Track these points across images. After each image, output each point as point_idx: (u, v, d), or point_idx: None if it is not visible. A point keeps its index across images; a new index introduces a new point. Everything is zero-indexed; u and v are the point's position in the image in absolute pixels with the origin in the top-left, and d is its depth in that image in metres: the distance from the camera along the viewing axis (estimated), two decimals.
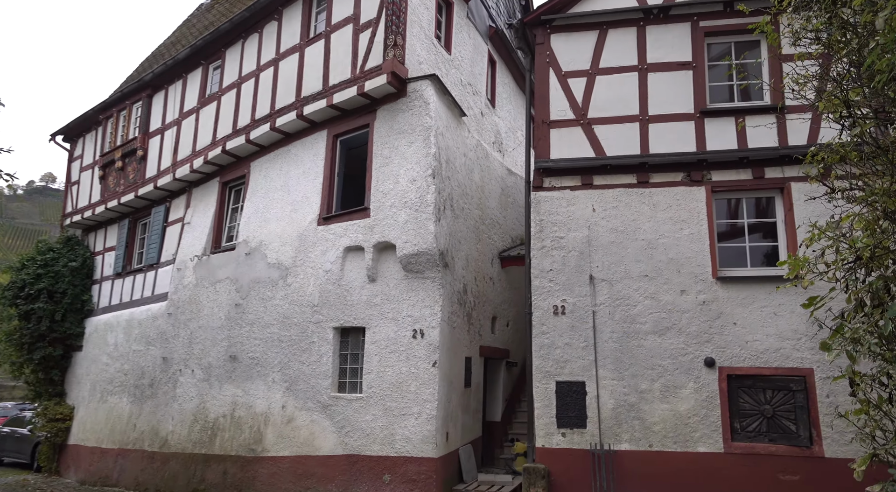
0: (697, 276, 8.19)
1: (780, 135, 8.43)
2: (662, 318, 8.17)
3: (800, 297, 7.80)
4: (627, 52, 9.15)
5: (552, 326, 8.44)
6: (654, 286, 8.28)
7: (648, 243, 8.42)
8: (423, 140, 9.27)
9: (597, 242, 8.56)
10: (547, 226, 8.76)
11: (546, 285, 8.58)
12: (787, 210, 8.23)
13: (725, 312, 8.03)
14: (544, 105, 9.22)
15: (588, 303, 8.40)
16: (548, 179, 8.97)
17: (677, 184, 8.57)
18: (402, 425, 8.77)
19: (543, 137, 9.10)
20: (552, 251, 8.66)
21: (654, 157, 8.61)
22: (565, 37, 9.43)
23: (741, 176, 8.45)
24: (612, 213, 8.62)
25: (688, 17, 9.06)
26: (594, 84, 9.14)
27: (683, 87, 8.86)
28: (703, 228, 8.32)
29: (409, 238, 8.95)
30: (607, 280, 8.42)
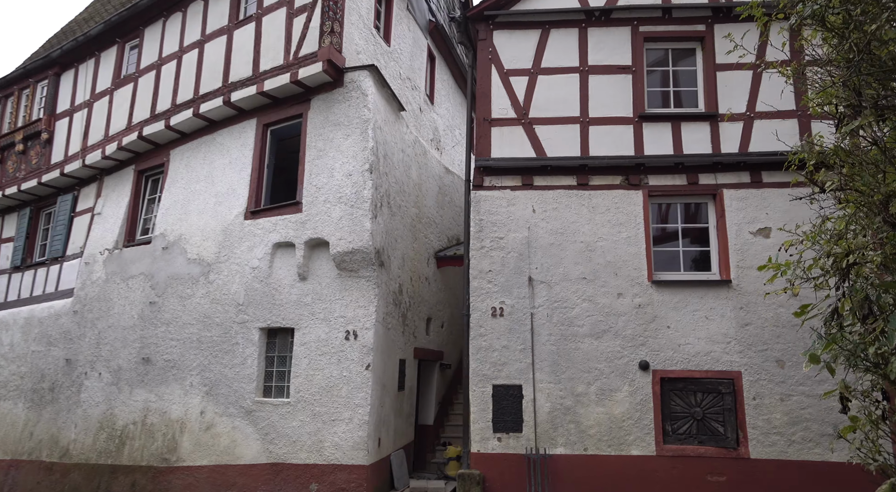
0: (634, 279, 8.23)
1: (714, 142, 8.62)
2: (599, 321, 8.15)
3: (730, 301, 8.01)
4: (569, 53, 9.11)
5: (490, 329, 8.26)
6: (592, 289, 8.25)
7: (587, 246, 8.39)
8: (361, 133, 8.86)
9: (536, 244, 8.45)
10: (487, 226, 8.57)
11: (484, 287, 8.38)
12: (719, 216, 8.42)
13: (660, 315, 8.11)
14: (486, 103, 9.03)
15: (526, 305, 8.28)
16: (488, 178, 8.78)
17: (616, 187, 8.60)
18: (332, 432, 8.33)
19: (484, 136, 8.91)
20: (491, 252, 8.48)
21: (593, 159, 8.60)
22: (508, 34, 9.28)
23: (676, 181, 8.57)
24: (552, 214, 8.54)
25: (628, 22, 9.12)
26: (536, 84, 9.05)
27: (623, 91, 8.91)
28: (639, 232, 8.38)
29: (343, 235, 8.52)
30: (546, 282, 8.33)
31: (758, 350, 7.89)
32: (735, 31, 8.92)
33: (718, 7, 8.94)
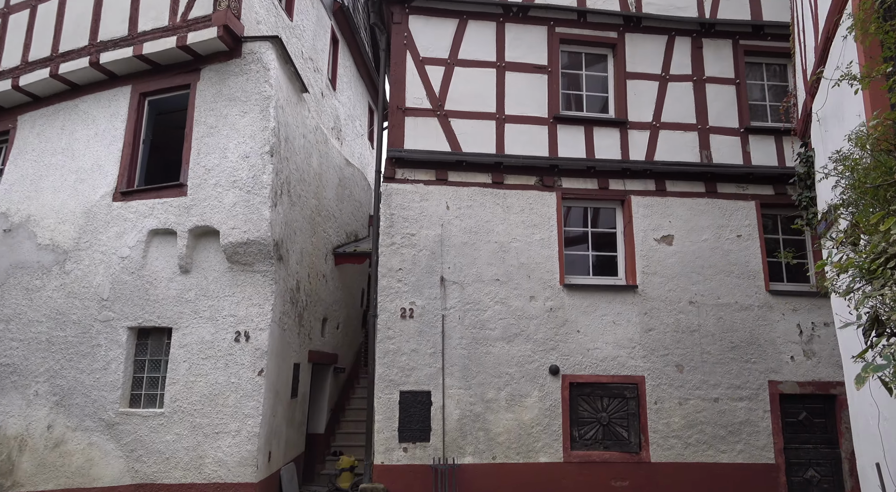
0: (546, 282, 8.08)
1: (623, 149, 8.72)
2: (511, 324, 7.90)
3: (636, 307, 8.09)
4: (487, 47, 8.81)
5: (399, 331, 7.70)
6: (505, 291, 7.98)
7: (501, 246, 8.11)
8: (261, 111, 7.93)
9: (450, 242, 8.03)
10: (398, 221, 8.01)
11: (394, 286, 7.81)
12: (627, 222, 8.51)
13: (570, 319, 8.01)
14: (399, 90, 8.47)
15: (438, 306, 7.82)
16: (401, 170, 8.23)
17: (531, 187, 8.41)
18: (215, 446, 7.33)
19: (398, 125, 8.35)
20: (402, 249, 7.93)
21: (509, 158, 8.35)
22: (424, 20, 8.80)
23: (588, 185, 8.56)
24: (467, 212, 8.17)
25: (545, 21, 9.01)
26: (452, 75, 8.65)
27: (539, 91, 8.77)
28: (553, 234, 8.25)
29: (237, 224, 7.54)
30: (459, 283, 7.93)
31: (659, 355, 8.05)
32: (644, 41, 9.18)
33: (630, 16, 9.08)
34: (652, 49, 9.17)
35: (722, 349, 8.15)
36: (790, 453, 8.04)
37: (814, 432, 8.20)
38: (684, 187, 8.72)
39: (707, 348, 8.13)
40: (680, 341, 8.11)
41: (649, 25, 9.19)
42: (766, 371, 8.16)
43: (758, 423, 8.01)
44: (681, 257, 8.39)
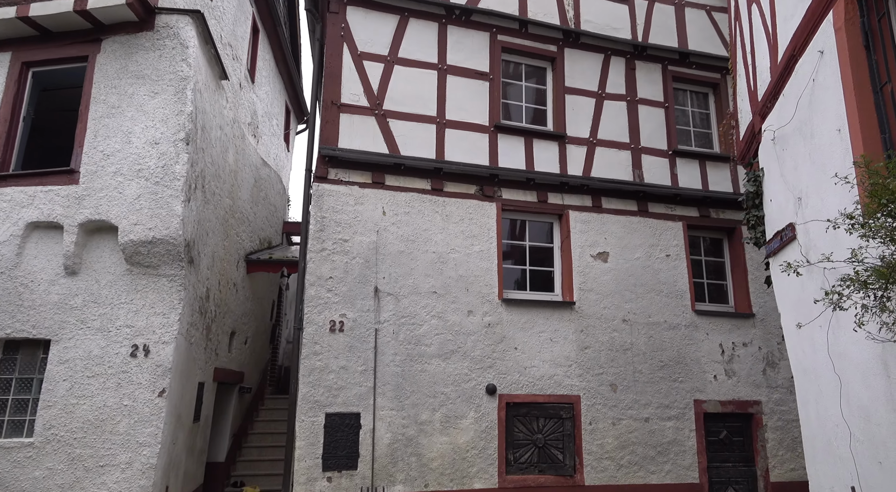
0: (485, 296, 7.69)
1: (562, 163, 8.59)
2: (448, 340, 7.41)
3: (573, 324, 7.89)
4: (428, 48, 8.41)
5: (327, 346, 6.96)
6: (443, 304, 7.49)
7: (439, 257, 7.63)
8: (176, 93, 6.96)
9: (385, 250, 7.44)
10: (329, 225, 7.30)
11: (323, 296, 7.08)
12: (565, 237, 8.36)
13: (508, 336, 7.66)
14: (335, 84, 7.83)
15: (371, 319, 7.18)
16: (334, 170, 7.55)
17: (470, 197, 8.03)
18: (99, 482, 6.16)
19: (332, 121, 7.68)
20: (333, 256, 7.23)
21: (449, 164, 7.93)
22: (364, 13, 8.25)
23: (528, 198, 8.32)
24: (404, 219, 7.63)
25: (487, 28, 8.77)
26: (392, 73, 8.14)
27: (480, 98, 8.47)
28: (492, 246, 7.90)
29: (141, 219, 6.50)
30: (394, 294, 7.34)
31: (595, 374, 7.88)
32: (582, 58, 9.18)
33: (569, 31, 9.06)
34: (589, 66, 9.20)
35: (652, 368, 8.13)
36: (713, 472, 8.13)
37: (733, 450, 8.37)
38: (619, 205, 8.72)
39: (639, 367, 8.08)
40: (614, 360, 8.00)
41: (587, 43, 9.22)
42: (692, 390, 8.24)
43: (684, 442, 8.03)
44: (615, 275, 8.34)
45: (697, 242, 9.25)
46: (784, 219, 5.07)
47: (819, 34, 4.15)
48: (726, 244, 9.41)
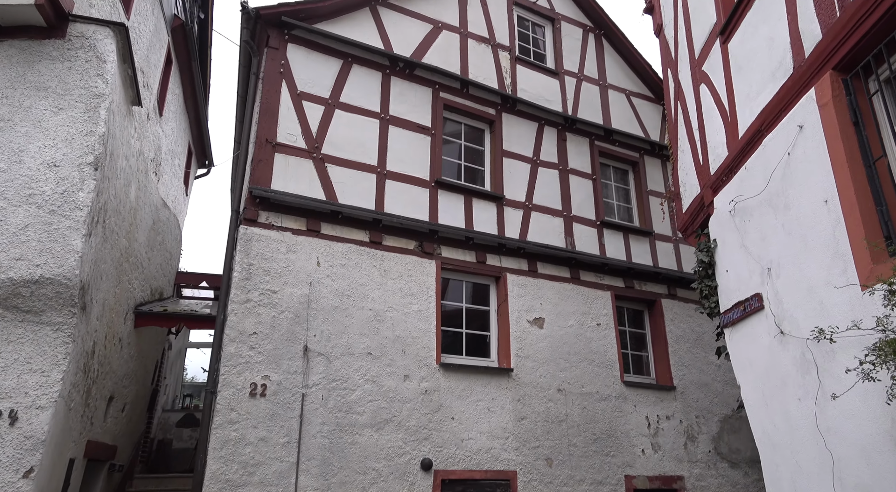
0: (422, 360, 7.11)
1: (500, 225, 8.45)
2: (382, 408, 6.68)
3: (510, 392, 7.51)
4: (371, 96, 8.10)
5: (245, 413, 5.97)
6: (378, 368, 6.81)
7: (376, 315, 7.01)
8: (87, 112, 5.99)
9: (318, 305, 6.69)
10: (257, 274, 6.48)
11: (245, 354, 6.14)
12: (502, 300, 8.08)
13: (445, 404, 7.08)
14: (271, 122, 7.22)
15: (298, 383, 6.31)
16: (265, 213, 6.81)
17: (410, 252, 7.58)
18: None
19: (265, 160, 7.01)
20: (260, 308, 6.37)
21: (389, 217, 7.47)
22: (305, 53, 7.83)
23: (467, 257, 8.02)
24: (340, 271, 6.97)
25: (430, 84, 8.66)
26: (333, 117, 7.69)
27: (422, 152, 8.22)
28: (431, 306, 7.41)
29: (26, 253, 5.32)
30: (325, 355, 6.56)
31: (531, 447, 7.45)
32: (519, 124, 9.31)
33: (507, 96, 9.20)
34: (525, 132, 9.33)
35: (586, 441, 7.86)
36: None
37: None
38: (553, 271, 8.66)
39: (573, 440, 7.78)
40: (550, 432, 7.64)
41: (523, 110, 9.39)
42: (623, 465, 8.03)
43: None
44: (551, 342, 8.13)
45: (622, 312, 9.37)
46: (747, 289, 5.11)
47: (796, 110, 4.31)
48: (647, 316, 9.61)
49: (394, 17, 8.73)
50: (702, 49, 6.19)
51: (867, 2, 3.53)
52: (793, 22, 4.37)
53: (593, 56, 10.93)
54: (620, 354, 8.71)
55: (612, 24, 11.23)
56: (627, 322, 9.42)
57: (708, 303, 5.89)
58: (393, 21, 8.69)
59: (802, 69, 4.23)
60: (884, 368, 3.08)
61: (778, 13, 4.60)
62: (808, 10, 4.16)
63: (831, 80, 3.94)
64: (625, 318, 9.38)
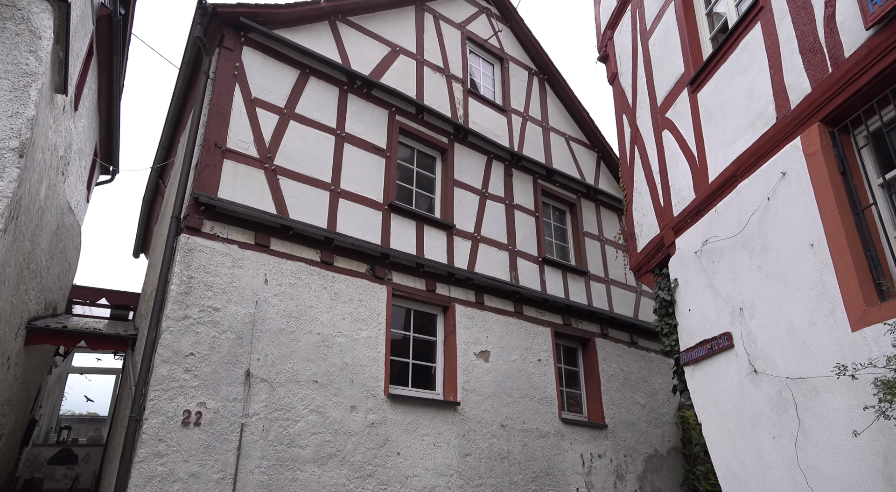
0: (370, 390, 6.67)
1: (449, 254, 8.28)
2: (327, 441, 6.14)
3: (456, 427, 7.23)
4: (328, 111, 7.76)
5: (175, 444, 5.23)
6: (324, 397, 6.28)
7: (324, 340, 6.51)
8: (14, 90, 5.19)
9: (264, 326, 6.11)
10: (198, 288, 5.82)
11: (179, 377, 5.42)
12: (450, 332, 7.84)
13: (391, 438, 6.65)
14: (222, 125, 6.67)
15: (237, 411, 5.66)
16: (210, 222, 6.19)
17: (361, 276, 7.18)
18: None
19: (213, 166, 6.43)
20: (199, 327, 5.69)
21: (341, 237, 7.08)
22: (262, 59, 7.39)
23: (417, 285, 7.74)
24: (289, 291, 6.44)
25: (387, 105, 8.47)
26: (287, 128, 7.26)
27: (376, 173, 7.93)
28: (381, 333, 7.02)
29: None
30: (269, 381, 5.96)
31: (475, 485, 7.15)
32: (469, 155, 9.31)
33: (459, 126, 9.18)
34: (475, 164, 9.32)
35: (526, 480, 7.68)
36: None
37: None
38: (499, 304, 8.57)
39: (515, 478, 7.57)
40: (493, 469, 7.39)
41: (473, 142, 9.40)
42: None
43: None
44: (495, 376, 7.97)
45: (559, 349, 9.42)
46: (714, 328, 5.24)
47: (779, 157, 4.54)
48: (581, 354, 9.73)
49: (353, 35, 8.51)
50: (666, 97, 6.46)
51: (861, 61, 3.80)
52: (776, 75, 4.64)
53: (537, 98, 11.25)
54: (559, 391, 8.70)
55: (556, 71, 11.67)
56: (564, 360, 9.47)
57: (668, 341, 6.00)
58: (352, 38, 8.46)
59: (787, 120, 4.47)
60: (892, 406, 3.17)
61: (759, 67, 4.88)
62: (795, 64, 4.42)
63: (819, 130, 4.18)
64: (561, 355, 9.43)
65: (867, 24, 3.72)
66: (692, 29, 6.15)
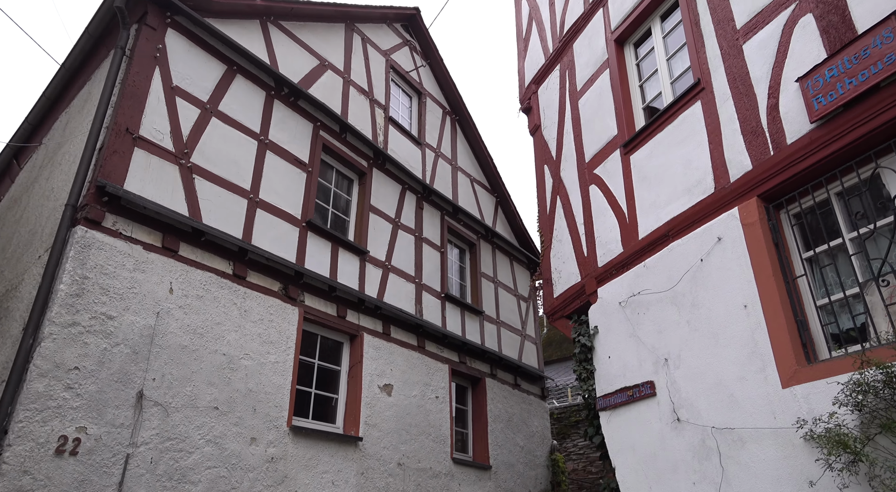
0: (273, 420, 6.07)
1: (361, 280, 7.97)
2: (222, 477, 5.44)
3: (355, 464, 6.85)
4: (253, 114, 7.23)
5: (43, 478, 4.29)
6: (223, 426, 5.59)
7: (230, 361, 5.85)
8: None
9: (164, 342, 5.34)
10: (92, 291, 4.96)
11: (58, 395, 4.52)
12: (356, 362, 7.46)
13: (290, 475, 6.07)
14: (136, 109, 5.91)
15: (123, 439, 4.82)
16: (113, 217, 5.37)
17: (273, 294, 6.63)
18: None
19: (122, 153, 5.63)
20: (87, 336, 4.83)
21: (257, 250, 6.51)
22: (187, 45, 6.74)
23: (328, 310, 7.31)
24: (195, 304, 5.73)
25: (312, 119, 8.10)
26: (208, 125, 6.62)
27: (296, 187, 7.48)
28: (289, 358, 6.48)
29: None
30: (163, 405, 5.18)
31: None
32: (386, 183, 9.17)
33: (379, 151, 9.01)
34: (390, 192, 9.17)
35: None
36: None
37: None
38: (403, 337, 8.36)
39: None
40: None
41: (391, 170, 9.27)
42: None
43: None
44: (396, 411, 7.68)
45: (453, 387, 9.36)
46: (636, 376, 5.51)
47: (715, 223, 4.97)
48: (470, 393, 9.75)
49: (283, 40, 8.08)
50: (596, 154, 6.85)
51: (803, 149, 4.32)
52: (717, 150, 5.12)
53: (449, 137, 11.44)
54: (452, 430, 8.60)
55: (467, 114, 11.99)
56: (455, 398, 9.42)
57: (585, 386, 6.19)
58: (282, 43, 8.04)
59: (726, 191, 4.93)
60: (839, 459, 3.50)
61: (698, 140, 5.36)
62: (737, 143, 4.92)
63: (757, 204, 4.65)
64: (453, 393, 9.38)
65: (812, 118, 4.25)
66: (626, 97, 6.62)
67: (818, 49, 4.39)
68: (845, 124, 4.05)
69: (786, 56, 4.67)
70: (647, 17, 6.69)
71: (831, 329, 4.16)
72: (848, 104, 4.04)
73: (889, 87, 3.84)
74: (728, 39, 5.31)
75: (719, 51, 5.38)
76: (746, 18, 5.16)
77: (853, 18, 4.21)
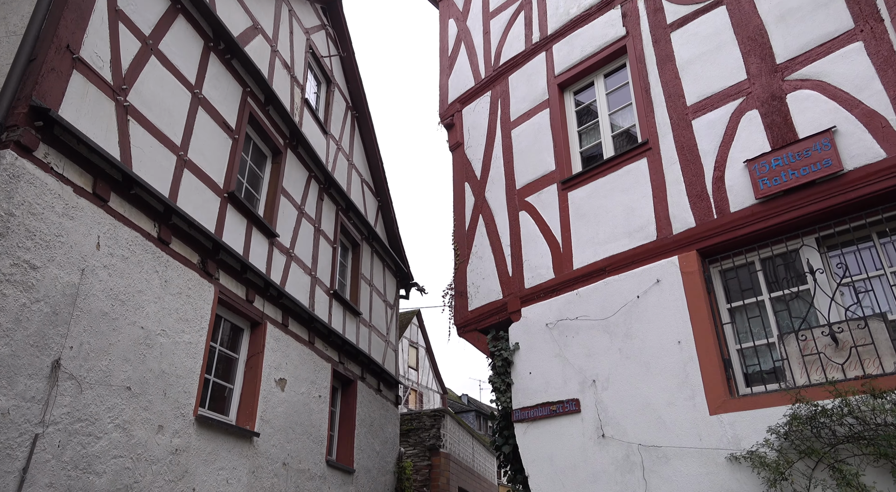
0: (180, 407, 5.39)
1: (268, 265, 7.47)
2: (126, 468, 4.68)
3: (248, 461, 6.43)
4: (190, 62, 6.47)
5: None
6: (133, 410, 4.83)
7: (147, 336, 5.09)
8: None
9: (86, 305, 4.48)
10: (17, 232, 4.00)
11: None
12: (257, 351, 6.94)
13: (191, 470, 5.43)
14: (78, 26, 4.97)
15: (34, 416, 3.93)
16: (46, 147, 4.42)
17: (193, 267, 5.92)
18: None
19: (60, 72, 4.69)
20: (6, 287, 3.88)
21: (183, 214, 5.78)
22: None
23: (239, 292, 6.71)
24: (121, 266, 4.90)
25: (243, 83, 7.48)
26: (147, 63, 5.78)
27: (222, 153, 6.82)
28: (201, 341, 5.82)
29: None
30: (78, 379, 4.33)
31: None
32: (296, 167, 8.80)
33: (295, 132, 8.58)
34: (299, 178, 8.77)
35: None
36: None
37: None
38: (298, 330, 7.97)
39: None
40: None
41: (302, 154, 8.88)
42: None
43: None
44: (287, 407, 7.27)
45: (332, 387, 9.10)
46: (560, 393, 5.98)
47: (654, 267, 5.69)
48: (340, 395, 9.55)
49: None
50: (530, 184, 7.35)
51: (745, 219, 5.24)
52: (660, 204, 5.90)
53: (349, 133, 11.25)
54: (329, 432, 8.35)
55: (368, 113, 11.90)
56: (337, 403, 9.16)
57: (503, 397, 6.53)
58: None
59: (668, 241, 5.71)
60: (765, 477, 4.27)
61: (641, 192, 6.10)
62: (681, 202, 5.73)
63: (697, 257, 5.48)
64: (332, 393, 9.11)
65: (757, 195, 5.18)
66: (565, 140, 7.24)
67: (762, 140, 5.37)
68: (784, 206, 5.03)
69: (732, 138, 5.61)
70: (591, 72, 7.37)
71: (751, 369, 5.07)
72: (788, 191, 5.02)
73: (823, 184, 4.88)
74: (678, 112, 6.17)
75: (668, 120, 6.21)
76: (696, 99, 6.07)
77: (794, 123, 5.25)
